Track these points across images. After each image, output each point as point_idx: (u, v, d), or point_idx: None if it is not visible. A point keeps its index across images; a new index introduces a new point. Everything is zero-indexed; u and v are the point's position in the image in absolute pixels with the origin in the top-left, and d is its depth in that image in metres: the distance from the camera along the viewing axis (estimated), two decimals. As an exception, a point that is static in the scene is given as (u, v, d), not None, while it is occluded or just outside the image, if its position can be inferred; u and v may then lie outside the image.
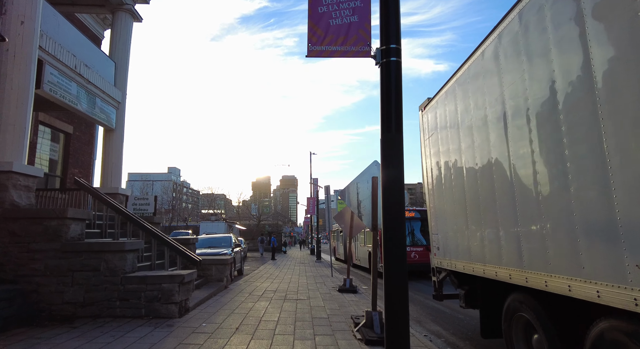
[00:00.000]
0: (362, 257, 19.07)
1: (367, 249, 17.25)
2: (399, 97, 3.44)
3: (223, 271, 10.79)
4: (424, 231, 15.21)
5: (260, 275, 15.66)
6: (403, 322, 3.30)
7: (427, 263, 14.60)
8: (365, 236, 18.02)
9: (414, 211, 15.32)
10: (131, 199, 10.97)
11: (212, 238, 14.85)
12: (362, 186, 6.50)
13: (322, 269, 19.29)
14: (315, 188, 28.02)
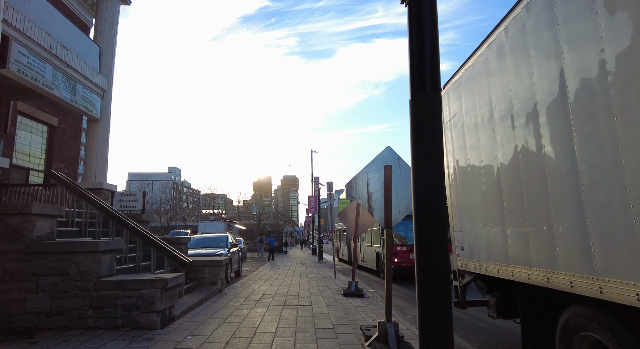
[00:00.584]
0: (368, 258, 18.07)
1: (374, 250, 16.38)
2: (435, 43, 2.53)
3: (217, 274, 9.88)
4: None
5: (259, 277, 14.75)
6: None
7: None
8: (372, 236, 17.07)
9: None
10: (117, 196, 10.08)
11: (207, 238, 13.95)
12: (373, 176, 5.58)
13: (325, 270, 18.37)
14: (317, 186, 27.11)
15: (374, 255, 16.54)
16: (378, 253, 15.75)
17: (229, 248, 13.16)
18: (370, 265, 17.75)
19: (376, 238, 16.27)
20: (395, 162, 5.55)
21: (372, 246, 16.89)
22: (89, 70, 9.76)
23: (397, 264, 13.56)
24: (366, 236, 18.12)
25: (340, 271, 18.05)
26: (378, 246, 15.59)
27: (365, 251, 18.61)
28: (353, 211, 10.94)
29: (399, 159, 5.61)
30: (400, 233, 14.60)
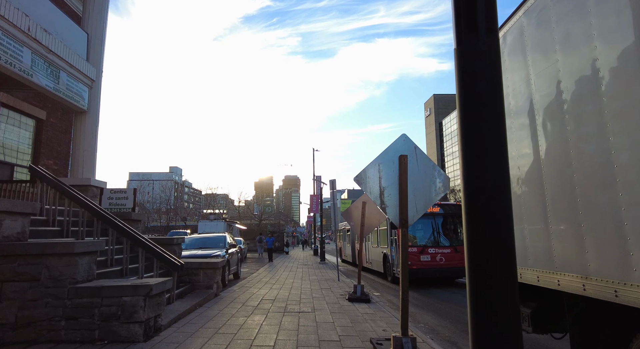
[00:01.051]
0: (374, 260, 17.02)
1: (381, 251, 15.38)
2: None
3: (212, 277, 9.17)
4: (450, 230, 13.50)
5: (258, 279, 14.04)
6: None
7: (455, 267, 12.61)
8: (379, 236, 16.10)
9: (438, 205, 13.40)
10: (106, 193, 9.39)
11: (203, 238, 13.24)
12: (386, 168, 4.85)
13: (327, 272, 17.66)
14: (319, 185, 26.39)
15: (380, 256, 15.60)
16: (385, 255, 14.77)
17: (226, 249, 12.45)
18: (376, 267, 16.79)
19: (383, 239, 15.38)
20: (411, 152, 4.83)
21: (379, 246, 15.94)
22: (75, 58, 9.08)
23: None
24: (372, 236, 17.06)
25: (344, 273, 17.32)
26: (385, 247, 14.64)
27: (371, 252, 17.62)
28: (359, 210, 10.22)
29: (415, 148, 4.89)
30: (409, 231, 13.78)
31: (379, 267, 16.06)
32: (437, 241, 13.04)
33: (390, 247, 13.77)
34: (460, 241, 12.84)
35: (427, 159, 4.85)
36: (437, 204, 13.24)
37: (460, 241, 12.84)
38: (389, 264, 14.31)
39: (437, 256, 12.52)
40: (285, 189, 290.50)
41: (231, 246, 12.98)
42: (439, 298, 10.73)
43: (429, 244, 12.87)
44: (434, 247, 12.72)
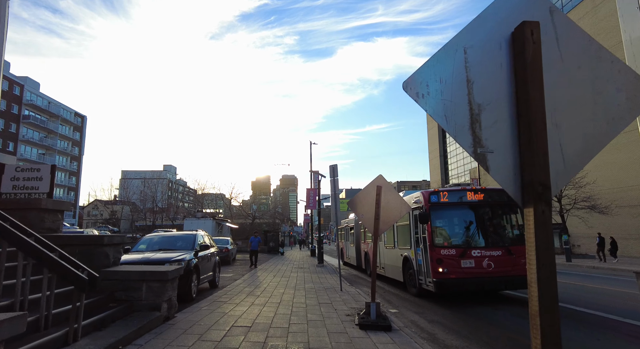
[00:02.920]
0: (389, 265, 13.24)
1: (400, 253, 11.78)
2: None
3: (160, 292, 6.28)
4: (499, 224, 10.10)
5: (241, 288, 11.17)
6: None
7: (510, 275, 9.03)
8: (397, 234, 12.39)
9: (482, 191, 9.89)
10: (10, 171, 6.49)
11: (166, 238, 10.29)
12: (485, 55, 1.91)
13: (326, 277, 14.78)
14: (316, 178, 23.54)
15: (398, 261, 11.91)
16: (407, 258, 11.18)
17: (196, 251, 9.56)
18: (391, 274, 13.09)
19: (403, 237, 11.81)
20: (546, 21, 1.92)
21: (396, 248, 12.36)
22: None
23: (441, 275, 9.06)
24: (385, 235, 13.52)
25: (347, 279, 14.45)
26: (407, 248, 11.14)
27: (385, 255, 13.99)
28: (371, 197, 7.35)
29: (553, 12, 1.98)
30: (443, 227, 9.85)
31: (395, 274, 12.51)
32: (482, 240, 9.53)
33: (414, 249, 10.50)
34: (515, 240, 9.63)
35: (584, 35, 1.96)
36: (482, 190, 9.95)
37: (515, 240, 9.63)
38: (411, 271, 10.81)
39: (484, 260, 9.07)
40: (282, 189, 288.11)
41: (203, 247, 10.08)
42: (478, 317, 7.87)
43: (472, 244, 9.51)
44: (479, 248, 9.26)
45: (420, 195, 10.27)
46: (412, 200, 10.63)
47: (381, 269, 14.34)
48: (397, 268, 12.18)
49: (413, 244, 10.57)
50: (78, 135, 68.68)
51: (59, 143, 61.91)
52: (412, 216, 10.59)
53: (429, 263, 9.42)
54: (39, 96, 58.66)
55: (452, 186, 11.18)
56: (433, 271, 9.22)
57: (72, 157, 66.61)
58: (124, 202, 53.77)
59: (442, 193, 9.83)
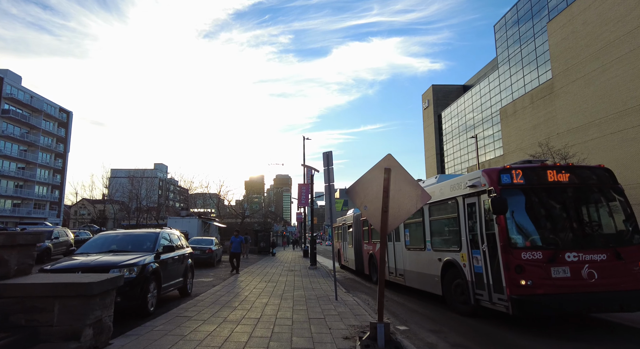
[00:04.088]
0: (415, 272, 10.16)
1: (438, 258, 8.84)
2: None
3: (82, 313, 4.41)
4: (598, 216, 7.16)
5: (217, 297, 9.33)
6: None
7: (624, 289, 6.20)
8: (430, 231, 9.50)
9: (567, 169, 7.08)
10: None
11: (119, 237, 8.27)
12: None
13: (319, 281, 12.97)
14: (310, 172, 21.72)
15: (434, 267, 8.97)
16: (451, 264, 8.21)
17: (157, 254, 7.69)
18: (419, 284, 10.07)
19: (442, 235, 9.14)
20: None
21: (429, 250, 9.38)
22: None
23: (523, 289, 6.19)
24: (409, 233, 10.78)
25: (342, 284, 12.66)
26: (455, 249, 8.11)
27: (407, 259, 10.74)
28: (377, 183, 5.55)
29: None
30: (521, 220, 6.81)
31: (425, 284, 9.64)
32: (577, 238, 6.66)
33: (468, 252, 7.59)
34: (622, 238, 6.84)
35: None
36: (567, 167, 7.11)
37: (622, 238, 6.84)
38: (459, 282, 7.96)
39: (583, 267, 6.28)
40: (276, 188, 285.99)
41: (167, 248, 8.19)
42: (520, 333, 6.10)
43: (564, 244, 6.59)
44: (573, 249, 6.41)
45: (483, 175, 7.16)
46: (465, 183, 7.83)
47: (398, 277, 11.41)
48: (429, 277, 9.25)
49: (466, 244, 7.69)
50: (63, 131, 66.11)
51: (42, 139, 59.36)
52: (464, 205, 7.80)
53: (500, 272, 6.50)
54: (21, 89, 56.12)
55: (520, 162, 7.66)
56: (510, 284, 6.29)
57: (56, 154, 64.06)
58: (112, 201, 51.58)
59: (516, 171, 6.87)
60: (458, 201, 8.07)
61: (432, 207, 9.51)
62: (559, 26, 37.08)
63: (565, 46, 36.10)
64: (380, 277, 5.33)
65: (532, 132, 40.71)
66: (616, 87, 30.14)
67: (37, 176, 58.50)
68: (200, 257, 18.95)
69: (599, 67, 31.82)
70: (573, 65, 35.01)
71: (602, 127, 31.14)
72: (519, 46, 45.78)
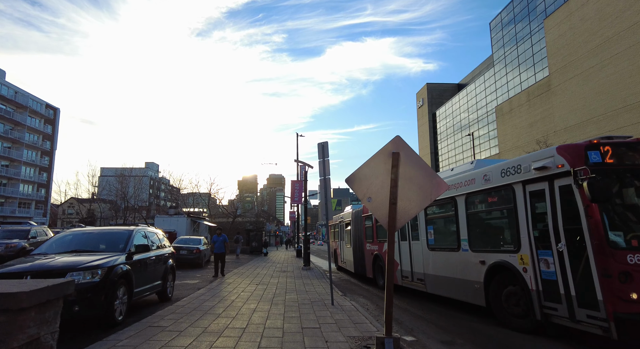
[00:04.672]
0: (443, 277, 8.51)
1: (480, 260, 7.22)
2: None
3: (6, 334, 3.43)
4: None
5: (200, 302, 8.38)
6: None
7: None
8: (467, 225, 7.83)
9: None
10: None
11: (85, 236, 7.21)
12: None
13: (313, 283, 12.07)
14: (303, 169, 20.82)
15: (472, 272, 7.39)
16: (502, 268, 6.68)
17: (129, 254, 6.73)
18: (446, 291, 8.47)
19: (487, 231, 7.64)
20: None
21: (466, 250, 7.69)
22: None
23: (632, 305, 4.77)
24: (433, 228, 9.24)
25: (338, 286, 11.77)
26: (511, 249, 6.55)
27: (430, 261, 9.06)
28: (383, 170, 4.66)
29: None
30: (618, 210, 5.36)
31: (457, 292, 7.95)
32: None
33: (532, 252, 6.12)
34: None
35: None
36: None
37: None
38: (512, 290, 6.48)
39: None
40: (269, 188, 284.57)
41: (141, 248, 7.21)
42: None
43: None
44: None
45: (560, 153, 5.60)
46: (527, 165, 6.24)
47: (416, 282, 9.68)
48: (466, 283, 7.54)
49: (527, 243, 6.17)
50: (50, 128, 64.29)
51: (27, 136, 57.54)
52: (525, 194, 6.27)
53: (593, 280, 5.06)
54: (4, 84, 54.33)
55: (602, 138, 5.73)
56: (612, 297, 4.83)
57: (42, 151, 62.25)
58: (100, 200, 50.11)
59: (604, 148, 5.35)
60: (515, 188, 6.44)
61: (471, 199, 7.73)
62: (556, 23, 36.61)
63: (563, 43, 35.62)
64: (388, 282, 4.44)
65: (528, 130, 40.22)
66: (615, 83, 29.67)
67: (22, 174, 56.73)
68: (188, 257, 17.96)
69: (598, 63, 31.35)
70: (571, 62, 34.53)
71: (601, 124, 30.66)
72: (515, 43, 45.31)
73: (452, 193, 8.28)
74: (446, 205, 8.71)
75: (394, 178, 4.57)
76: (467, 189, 7.83)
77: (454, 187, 8.25)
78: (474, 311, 8.00)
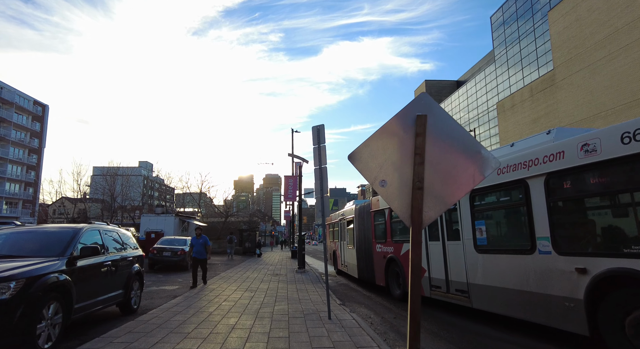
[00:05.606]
0: (492, 286, 6.47)
1: (569, 268, 5.11)
2: None
3: None
4: None
5: (171, 313, 6.91)
6: None
7: None
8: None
9: None
10: None
11: (14, 235, 5.66)
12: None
13: (307, 289, 10.61)
14: (298, 164, 19.36)
15: (543, 281, 5.49)
16: (611, 277, 4.62)
17: (71, 259, 5.26)
18: (496, 306, 6.46)
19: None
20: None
21: (544, 253, 5.53)
22: None
23: None
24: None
25: (335, 292, 10.33)
26: (607, 254, 4.72)
27: (475, 265, 6.95)
28: (406, 140, 3.23)
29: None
30: None
31: (540, 312, 5.55)
32: None
33: None
34: None
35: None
36: None
37: None
38: None
39: None
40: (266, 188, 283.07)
41: (91, 251, 5.71)
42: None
43: None
44: None
45: None
46: None
47: (454, 294, 7.46)
48: (549, 300, 5.38)
49: None
50: (38, 125, 62.42)
51: (13, 133, 55.69)
52: None
53: None
54: (-11, 79, 52.52)
55: None
56: None
57: (30, 149, 60.40)
58: (93, 199, 48.37)
59: None
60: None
61: (557, 180, 5.50)
62: (561, 14, 35.34)
63: (568, 35, 34.35)
64: (413, 297, 2.97)
65: (531, 126, 38.95)
66: (624, 76, 28.41)
67: (8, 173, 54.89)
68: (171, 259, 16.47)
69: (606, 55, 30.09)
70: (577, 55, 33.27)
71: (609, 119, 29.39)
72: (518, 37, 44.06)
73: (519, 174, 6.08)
74: (509, 191, 6.48)
75: (419, 152, 3.12)
76: (548, 167, 5.56)
77: (521, 166, 6.08)
78: (508, 326, 6.58)
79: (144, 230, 24.17)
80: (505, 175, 6.38)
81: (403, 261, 9.47)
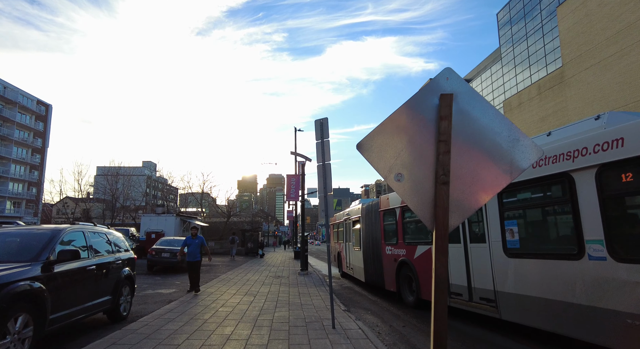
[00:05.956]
0: (526, 296, 5.61)
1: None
2: None
3: None
4: None
5: (163, 321, 6.38)
6: None
7: None
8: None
9: None
10: None
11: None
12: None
13: (310, 293, 10.05)
14: (301, 162, 18.80)
15: (601, 293, 4.56)
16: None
17: (47, 264, 4.76)
18: (531, 319, 5.55)
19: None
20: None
21: (596, 259, 4.63)
22: None
23: None
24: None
25: (339, 296, 9.77)
26: None
27: (506, 271, 6.07)
28: (428, 125, 2.69)
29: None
30: None
31: (596, 331, 4.57)
32: None
33: None
34: None
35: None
36: None
37: None
38: None
39: None
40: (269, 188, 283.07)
41: (72, 254, 5.17)
42: None
43: None
44: None
45: None
46: None
47: (479, 303, 6.70)
48: (597, 314, 4.61)
49: None
50: (41, 125, 62.28)
51: (16, 133, 55.56)
52: None
53: None
54: (-7, 79, 52.43)
55: None
56: None
57: (33, 149, 60.27)
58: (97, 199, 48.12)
59: None
60: None
61: (612, 173, 4.66)
62: (570, 10, 34.57)
63: (578, 31, 33.57)
64: (439, 313, 2.39)
65: (539, 124, 38.16)
66: (637, 73, 27.63)
67: (11, 172, 54.75)
68: (170, 261, 15.96)
69: (618, 51, 29.30)
70: (587, 51, 32.49)
71: (621, 117, 28.62)
72: (525, 34, 43.25)
73: (561, 166, 5.24)
74: (548, 186, 5.65)
75: (444, 139, 2.56)
76: (602, 157, 4.70)
77: (563, 158, 5.23)
78: (536, 339, 5.98)
79: (145, 230, 23.74)
80: (542, 168, 5.53)
81: (417, 264, 8.78)
